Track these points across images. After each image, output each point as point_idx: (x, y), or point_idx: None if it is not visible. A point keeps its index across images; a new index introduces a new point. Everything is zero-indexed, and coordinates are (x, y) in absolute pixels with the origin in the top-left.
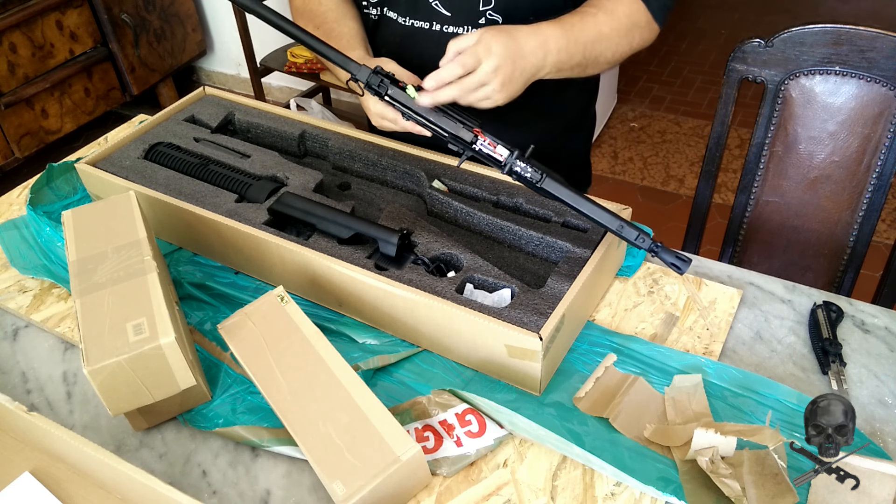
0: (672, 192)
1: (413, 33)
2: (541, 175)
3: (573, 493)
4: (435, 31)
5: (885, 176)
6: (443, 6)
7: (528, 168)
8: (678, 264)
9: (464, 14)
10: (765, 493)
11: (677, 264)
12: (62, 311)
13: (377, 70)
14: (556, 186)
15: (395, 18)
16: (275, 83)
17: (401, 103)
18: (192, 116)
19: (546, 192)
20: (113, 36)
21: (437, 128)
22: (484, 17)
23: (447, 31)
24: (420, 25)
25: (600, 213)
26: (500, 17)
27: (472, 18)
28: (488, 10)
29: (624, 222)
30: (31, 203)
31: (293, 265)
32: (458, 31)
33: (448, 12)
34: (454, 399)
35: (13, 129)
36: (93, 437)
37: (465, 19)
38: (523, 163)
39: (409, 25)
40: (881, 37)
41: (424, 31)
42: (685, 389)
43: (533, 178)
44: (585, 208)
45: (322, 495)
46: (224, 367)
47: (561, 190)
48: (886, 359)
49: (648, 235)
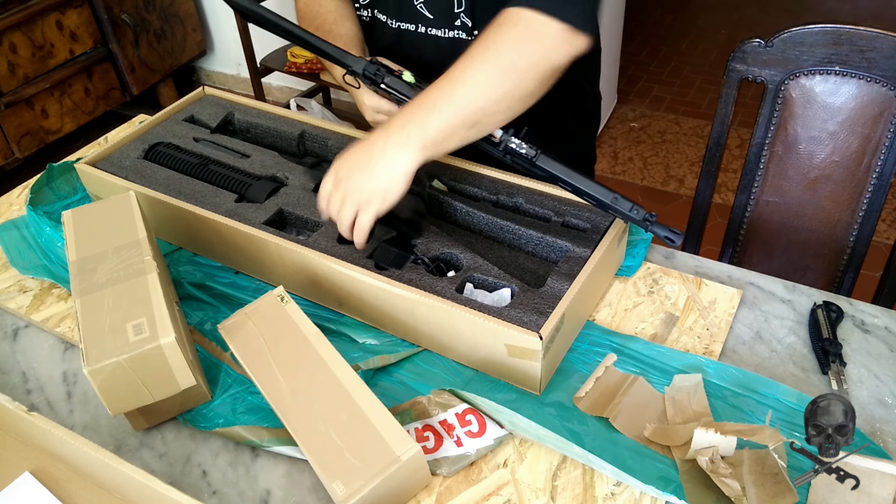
0: (672, 192)
1: (401, 35)
2: (535, 151)
3: (573, 493)
4: (420, 34)
5: (885, 176)
6: (426, 9)
7: (522, 144)
8: (671, 237)
9: (442, 16)
10: (765, 493)
11: (671, 237)
12: (62, 311)
13: (374, 60)
14: (551, 163)
15: (384, 21)
16: (275, 83)
17: (397, 91)
18: (192, 116)
19: (541, 168)
20: (113, 36)
21: None
22: (459, 20)
23: (430, 33)
24: (407, 27)
25: (594, 187)
26: (470, 21)
27: (448, 21)
28: (461, 13)
29: (618, 195)
30: (31, 203)
31: (293, 265)
32: (438, 34)
33: (430, 14)
34: (454, 399)
35: (13, 129)
36: (93, 437)
37: (443, 22)
38: (518, 139)
39: (397, 28)
40: (881, 37)
41: (411, 34)
42: (685, 389)
43: (528, 154)
44: (579, 183)
45: (322, 495)
46: (224, 367)
47: (555, 166)
48: (886, 359)
49: (642, 209)
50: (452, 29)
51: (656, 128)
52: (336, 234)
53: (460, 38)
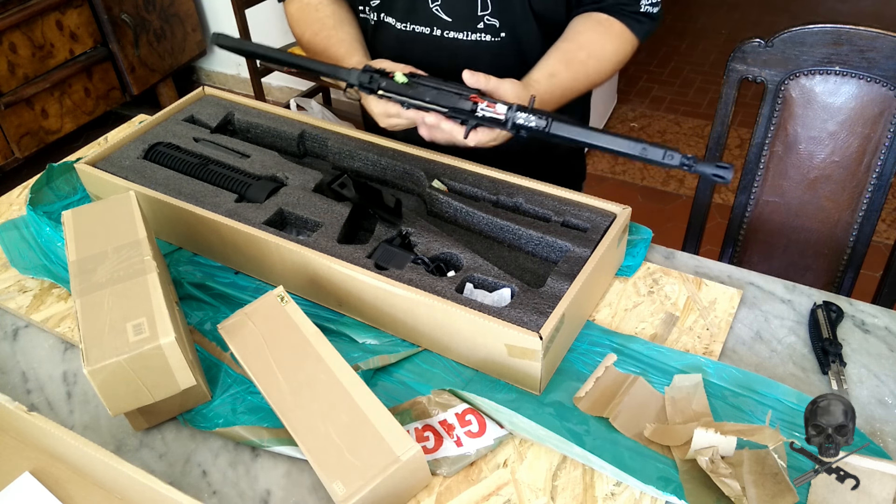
0: (672, 192)
1: (412, 38)
2: (546, 120)
3: (573, 493)
4: (435, 36)
5: (885, 176)
6: (444, 12)
7: (531, 118)
8: (720, 174)
9: (463, 19)
10: (765, 493)
11: (719, 174)
12: (62, 311)
13: (366, 69)
14: (566, 128)
15: (392, 23)
16: (275, 83)
17: (396, 93)
18: (192, 116)
19: (558, 136)
20: (113, 36)
21: (437, 106)
22: (482, 22)
23: (447, 35)
24: (420, 30)
25: (619, 141)
26: (497, 22)
27: (470, 23)
28: (486, 16)
29: (647, 144)
30: (31, 203)
31: (293, 265)
32: (458, 37)
33: (449, 17)
34: (454, 399)
35: (13, 129)
36: (93, 437)
37: (464, 24)
38: (525, 113)
39: (409, 30)
40: (881, 37)
41: (424, 36)
42: (685, 389)
43: (538, 125)
44: (603, 141)
45: (322, 495)
46: (224, 367)
47: (572, 130)
48: (886, 359)
49: (677, 152)
50: (475, 32)
51: (656, 128)
52: (336, 234)
53: (482, 41)
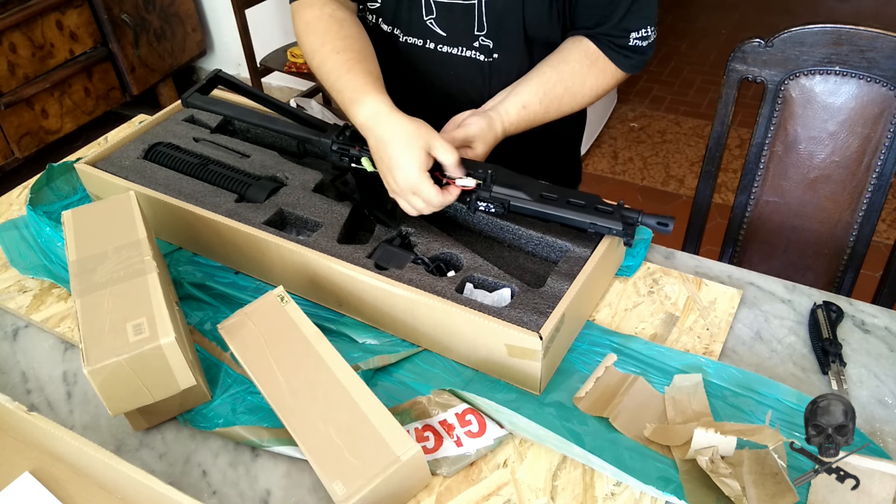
0: (672, 192)
1: (406, 47)
2: (504, 207)
3: (573, 493)
4: (428, 49)
5: (885, 176)
6: (438, 26)
7: (490, 206)
8: (663, 223)
9: (457, 35)
10: (765, 493)
11: (663, 222)
12: (62, 311)
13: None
14: (523, 205)
15: (388, 31)
16: (275, 83)
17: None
18: (192, 116)
19: (519, 211)
20: (113, 36)
21: None
22: (477, 42)
23: (441, 49)
24: (413, 41)
25: (570, 216)
26: (491, 43)
27: (464, 41)
28: (481, 36)
29: (595, 217)
30: (31, 203)
31: (293, 265)
32: (452, 52)
33: (444, 32)
34: (454, 399)
35: (13, 129)
36: (93, 437)
37: (458, 41)
38: (484, 201)
39: (403, 41)
40: (881, 37)
41: (419, 48)
42: (685, 389)
43: (498, 211)
44: (554, 216)
45: (322, 495)
46: (224, 367)
47: (528, 207)
48: (886, 359)
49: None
50: (469, 49)
51: (656, 128)
52: (336, 234)
53: (475, 59)
